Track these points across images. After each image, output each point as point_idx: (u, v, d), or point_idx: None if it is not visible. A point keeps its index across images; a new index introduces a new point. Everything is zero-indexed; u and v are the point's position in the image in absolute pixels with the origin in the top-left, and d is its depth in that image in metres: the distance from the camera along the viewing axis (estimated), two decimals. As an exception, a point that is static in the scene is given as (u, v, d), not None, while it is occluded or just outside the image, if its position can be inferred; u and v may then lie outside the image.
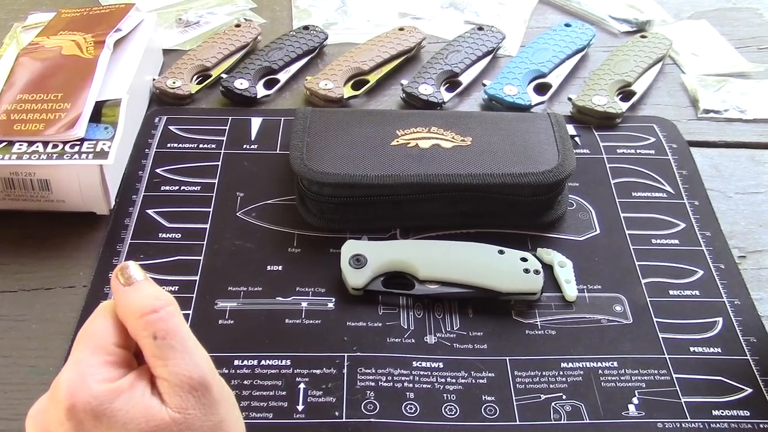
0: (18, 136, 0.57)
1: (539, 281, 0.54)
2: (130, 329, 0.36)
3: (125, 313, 0.36)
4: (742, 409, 0.49)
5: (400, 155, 0.59)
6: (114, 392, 0.34)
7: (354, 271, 0.54)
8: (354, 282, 0.54)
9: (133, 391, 0.34)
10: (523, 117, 0.65)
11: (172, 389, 0.34)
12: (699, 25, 0.87)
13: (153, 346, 0.35)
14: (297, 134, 0.61)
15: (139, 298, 0.36)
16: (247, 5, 0.87)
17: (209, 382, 0.35)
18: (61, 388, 0.35)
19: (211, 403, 0.35)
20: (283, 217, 0.60)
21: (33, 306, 0.54)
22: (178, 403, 0.34)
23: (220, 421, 0.35)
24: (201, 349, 0.36)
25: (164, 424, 0.34)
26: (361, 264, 0.54)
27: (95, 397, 0.34)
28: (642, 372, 0.51)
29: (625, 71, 0.74)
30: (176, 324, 0.35)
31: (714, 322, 0.54)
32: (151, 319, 0.35)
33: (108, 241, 0.58)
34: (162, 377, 0.35)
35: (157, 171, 0.64)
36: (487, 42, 0.78)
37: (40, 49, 0.64)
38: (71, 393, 0.34)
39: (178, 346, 0.35)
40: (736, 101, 0.75)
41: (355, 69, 0.74)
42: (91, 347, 0.36)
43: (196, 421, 0.34)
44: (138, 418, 0.34)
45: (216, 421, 0.35)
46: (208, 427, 0.35)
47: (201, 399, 0.34)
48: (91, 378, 0.34)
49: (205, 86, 0.74)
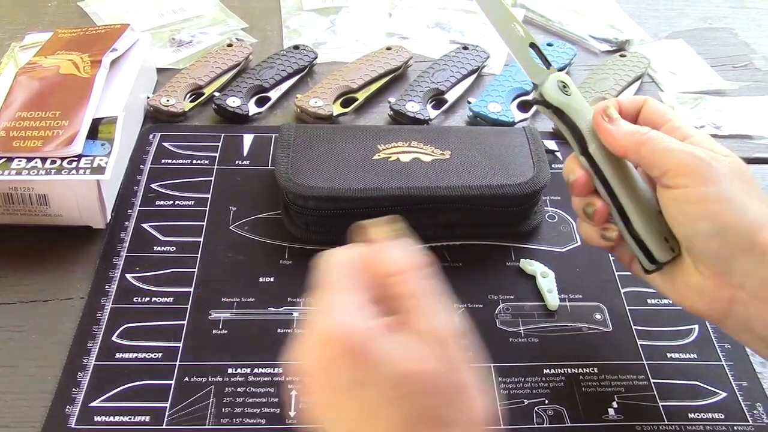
0: (17, 152, 0.59)
1: (667, 255, 0.47)
2: (389, 282, 0.39)
3: (387, 267, 0.39)
4: (717, 413, 0.51)
5: (381, 169, 0.61)
6: (379, 331, 0.36)
7: (558, 90, 0.52)
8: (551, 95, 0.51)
9: (392, 335, 0.37)
10: (499, 131, 0.68)
11: (420, 342, 0.37)
12: (676, 45, 0.89)
13: (405, 301, 0.38)
14: (282, 149, 0.63)
15: (399, 257, 0.39)
16: (238, 25, 0.89)
17: (452, 337, 0.37)
18: (334, 324, 0.37)
19: (453, 360, 0.37)
20: (275, 231, 0.62)
21: (31, 317, 0.55)
22: (425, 354, 0.36)
23: (462, 383, 0.37)
24: (450, 312, 0.38)
25: (411, 372, 0.36)
26: (567, 91, 0.52)
27: (363, 333, 0.36)
28: (621, 377, 0.53)
29: (605, 89, 0.77)
30: (426, 285, 0.38)
31: (690, 329, 0.56)
32: (405, 277, 0.38)
33: (104, 254, 0.60)
34: (415, 331, 0.37)
35: (152, 186, 0.66)
36: (471, 61, 0.81)
37: (38, 69, 0.66)
38: (344, 329, 0.36)
39: (426, 303, 0.38)
40: (712, 118, 0.77)
41: (344, 87, 0.76)
42: (352, 287, 0.38)
43: (441, 374, 0.36)
44: (392, 361, 0.36)
45: (459, 381, 0.37)
46: (451, 383, 0.36)
47: (445, 353, 0.36)
48: (361, 315, 0.37)
49: (198, 104, 0.76)
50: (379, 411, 0.36)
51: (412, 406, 0.36)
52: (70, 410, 0.49)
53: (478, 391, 0.37)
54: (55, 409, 0.49)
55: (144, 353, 0.53)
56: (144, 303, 0.56)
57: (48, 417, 0.49)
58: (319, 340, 0.37)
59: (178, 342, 0.54)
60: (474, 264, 0.61)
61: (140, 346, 0.53)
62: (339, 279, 0.39)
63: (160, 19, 0.89)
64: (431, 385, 0.36)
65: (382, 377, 0.36)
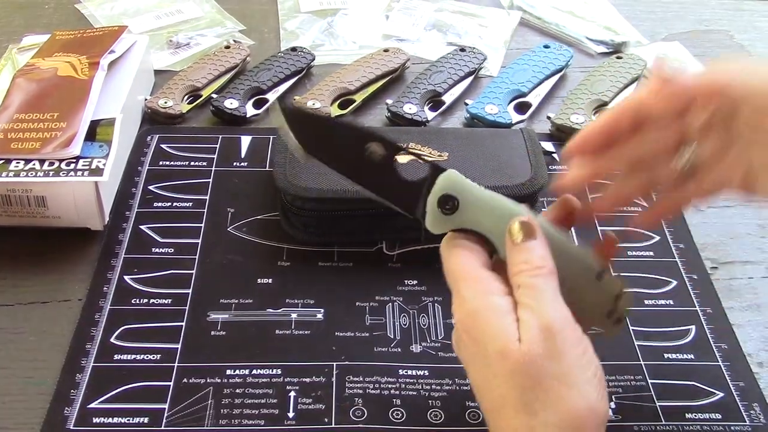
0: (15, 154, 0.59)
1: (615, 331, 0.46)
2: (518, 270, 0.42)
3: (509, 264, 0.42)
4: (714, 413, 0.51)
5: None
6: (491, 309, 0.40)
7: (439, 215, 0.43)
8: (433, 227, 0.44)
9: (504, 315, 0.40)
10: (497, 133, 0.68)
11: (525, 327, 0.39)
12: (672, 47, 0.90)
13: (518, 294, 0.41)
14: (280, 151, 0.63)
15: (516, 258, 0.42)
16: (236, 27, 0.90)
17: (556, 329, 0.39)
18: (456, 311, 0.42)
19: (556, 348, 0.38)
20: (273, 232, 0.62)
21: (30, 319, 0.55)
22: (526, 338, 0.39)
23: (563, 374, 0.38)
24: (559, 306, 0.40)
25: (511, 351, 0.39)
26: (450, 210, 0.43)
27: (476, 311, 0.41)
28: (619, 378, 0.53)
29: (601, 91, 0.77)
30: (536, 282, 0.41)
31: (687, 329, 0.57)
32: (519, 275, 0.41)
33: (102, 255, 0.60)
34: (521, 318, 0.40)
35: (150, 188, 0.66)
36: (469, 63, 0.81)
37: (36, 70, 0.66)
38: (462, 312, 0.41)
39: (535, 296, 0.40)
40: (708, 119, 0.78)
41: (341, 89, 0.76)
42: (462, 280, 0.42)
43: (539, 359, 0.38)
44: (496, 339, 0.39)
45: (559, 370, 0.38)
46: (550, 372, 0.38)
47: (546, 341, 0.38)
48: (473, 296, 0.41)
49: (195, 106, 0.76)
50: (483, 386, 0.41)
51: (501, 384, 0.39)
52: (68, 412, 0.49)
53: (581, 384, 0.38)
54: (53, 411, 0.49)
55: (142, 355, 0.53)
56: (142, 305, 0.56)
57: (46, 418, 0.49)
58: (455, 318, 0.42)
59: (177, 343, 0.54)
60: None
61: (139, 347, 0.53)
62: (459, 272, 0.43)
63: (157, 22, 0.89)
64: (523, 366, 0.38)
65: (482, 354, 0.40)
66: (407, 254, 0.61)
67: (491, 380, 0.39)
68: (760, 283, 0.61)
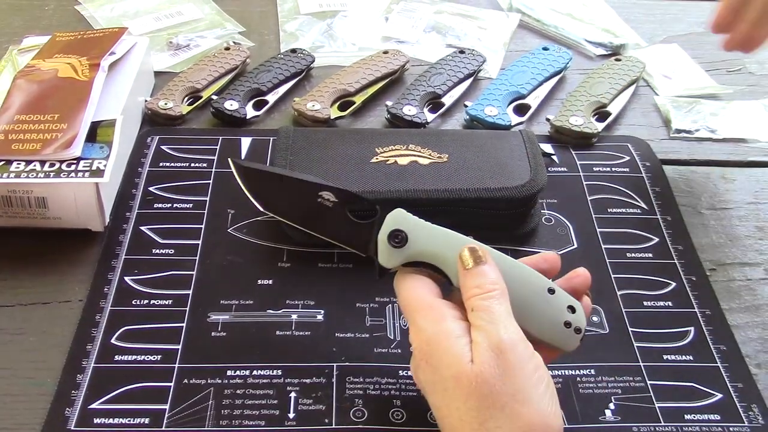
0: (16, 155, 0.59)
1: (575, 342, 0.46)
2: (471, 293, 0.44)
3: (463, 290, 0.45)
4: (712, 414, 0.52)
5: (379, 172, 0.61)
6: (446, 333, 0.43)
7: (390, 249, 0.46)
8: (386, 261, 0.47)
9: (459, 338, 0.42)
10: (496, 134, 0.68)
11: (477, 348, 0.41)
12: (671, 49, 0.90)
13: (472, 317, 0.43)
14: (280, 152, 0.63)
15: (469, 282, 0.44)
16: (235, 29, 0.90)
17: (507, 347, 0.41)
18: (412, 339, 0.44)
19: (507, 366, 0.40)
20: (273, 234, 0.62)
21: (30, 320, 0.55)
22: (477, 358, 0.41)
23: (517, 390, 0.40)
24: (510, 325, 0.42)
25: (464, 373, 0.41)
26: (400, 243, 0.46)
27: (430, 338, 0.43)
28: (618, 379, 0.53)
29: (600, 93, 0.78)
30: (489, 304, 0.43)
31: (686, 331, 0.57)
32: (472, 299, 0.44)
33: (103, 257, 0.60)
34: (474, 340, 0.42)
35: (150, 189, 0.66)
36: (468, 65, 0.81)
37: (37, 72, 0.66)
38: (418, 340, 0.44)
39: (486, 318, 0.42)
40: (706, 122, 0.78)
41: (341, 90, 0.77)
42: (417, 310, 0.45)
43: (491, 378, 0.40)
44: (450, 364, 0.41)
45: (512, 388, 0.40)
46: (503, 390, 0.40)
47: (498, 359, 0.40)
48: (428, 324, 0.43)
49: (195, 107, 0.76)
50: (441, 411, 0.42)
51: (459, 407, 0.40)
52: (69, 412, 0.49)
53: (535, 400, 0.40)
54: (54, 411, 0.49)
55: (143, 355, 0.53)
56: (143, 305, 0.56)
57: (47, 419, 0.49)
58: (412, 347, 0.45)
59: (177, 344, 0.54)
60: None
61: (139, 348, 0.53)
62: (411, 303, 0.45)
63: (156, 23, 0.89)
64: (477, 387, 0.40)
65: (440, 379, 0.42)
66: (407, 255, 0.61)
67: (449, 404, 0.41)
68: (759, 285, 0.61)
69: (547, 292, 0.46)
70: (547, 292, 0.46)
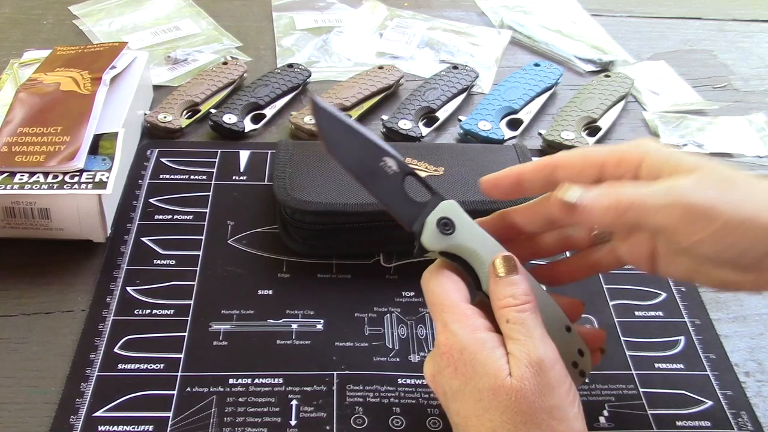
0: (19, 167, 0.60)
1: (578, 383, 0.46)
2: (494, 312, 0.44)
3: (492, 300, 0.45)
4: (703, 420, 0.53)
5: None
6: (481, 342, 0.42)
7: (436, 233, 0.46)
8: (429, 243, 0.46)
9: (494, 349, 0.42)
10: (490, 148, 0.70)
11: (515, 362, 0.41)
12: (658, 66, 0.92)
13: (506, 328, 0.43)
14: (279, 165, 0.64)
15: (503, 292, 0.44)
16: (232, 44, 0.91)
17: (547, 365, 0.41)
18: (439, 343, 0.43)
19: (546, 383, 0.40)
20: (272, 245, 0.63)
21: (33, 329, 0.56)
22: (517, 373, 0.41)
23: (553, 408, 0.40)
24: (548, 342, 0.42)
25: (502, 387, 0.40)
26: (447, 230, 0.46)
27: (465, 347, 0.42)
28: (611, 387, 0.55)
29: (590, 108, 0.79)
30: (525, 318, 0.43)
31: (677, 340, 0.58)
32: (507, 309, 0.43)
33: (105, 267, 0.61)
34: (510, 353, 0.42)
35: (151, 201, 0.67)
36: (461, 80, 0.83)
37: (39, 85, 0.67)
38: (448, 345, 0.43)
39: (525, 329, 0.42)
40: (693, 137, 0.80)
41: (337, 105, 0.78)
42: (447, 310, 0.44)
43: (530, 394, 0.40)
44: (487, 374, 0.41)
45: (549, 404, 0.40)
46: (541, 406, 0.40)
47: (537, 376, 0.40)
48: (462, 330, 0.43)
49: (194, 121, 0.77)
50: (469, 420, 0.42)
51: (494, 419, 0.40)
52: (74, 420, 0.50)
53: (570, 419, 0.40)
54: (59, 420, 0.50)
55: (146, 364, 0.54)
56: (145, 315, 0.57)
57: (52, 427, 0.49)
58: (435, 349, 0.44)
59: (179, 353, 0.55)
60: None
61: (142, 357, 0.54)
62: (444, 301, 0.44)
63: (154, 38, 0.90)
64: (514, 402, 0.40)
65: (473, 389, 0.41)
66: (404, 267, 0.63)
67: (482, 415, 0.41)
68: (746, 296, 0.63)
69: (565, 329, 0.47)
70: (564, 329, 0.47)
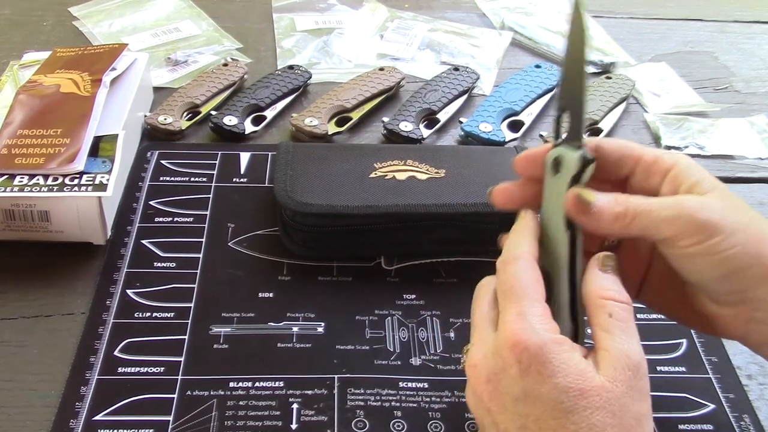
0: (19, 169, 0.59)
1: None
2: (588, 302, 0.41)
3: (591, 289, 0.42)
4: (705, 424, 0.52)
5: (378, 187, 0.63)
6: (559, 343, 0.39)
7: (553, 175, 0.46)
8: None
9: (573, 351, 0.39)
10: (492, 150, 0.70)
11: (610, 360, 0.38)
12: (659, 67, 0.92)
13: (606, 322, 0.40)
14: (280, 167, 0.64)
15: (609, 284, 0.42)
16: (233, 45, 0.91)
17: (643, 371, 0.39)
18: (512, 334, 0.39)
19: (640, 389, 0.38)
20: (273, 247, 0.63)
21: (33, 332, 0.56)
22: (611, 374, 0.38)
23: (643, 414, 0.38)
24: (642, 351, 0.40)
25: (592, 387, 0.37)
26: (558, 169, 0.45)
27: (545, 344, 0.38)
28: (613, 390, 0.54)
29: (592, 110, 0.79)
30: (629, 318, 0.40)
31: (679, 343, 0.58)
32: (612, 303, 0.41)
33: (105, 270, 0.60)
34: (605, 348, 0.39)
35: (151, 203, 0.67)
36: (462, 82, 0.83)
37: (39, 87, 0.67)
38: (524, 338, 0.38)
39: (627, 329, 0.40)
40: (695, 138, 0.80)
41: (338, 106, 0.78)
42: (529, 300, 0.40)
43: (622, 397, 0.37)
44: (572, 374, 0.38)
45: (639, 411, 0.38)
46: (631, 411, 0.38)
47: (632, 380, 0.38)
48: (540, 326, 0.39)
49: (195, 122, 0.77)
50: (545, 424, 0.38)
51: (579, 421, 0.37)
52: (74, 424, 0.49)
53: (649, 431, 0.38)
54: (59, 423, 0.49)
55: (146, 367, 0.53)
56: (145, 318, 0.57)
57: (52, 430, 0.49)
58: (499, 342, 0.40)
59: (180, 356, 0.54)
60: (469, 280, 0.61)
61: (142, 360, 0.54)
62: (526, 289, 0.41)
63: (154, 39, 0.90)
64: (605, 403, 0.37)
65: (551, 388, 0.38)
66: (405, 269, 0.62)
67: (563, 417, 0.37)
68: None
69: None
70: None
